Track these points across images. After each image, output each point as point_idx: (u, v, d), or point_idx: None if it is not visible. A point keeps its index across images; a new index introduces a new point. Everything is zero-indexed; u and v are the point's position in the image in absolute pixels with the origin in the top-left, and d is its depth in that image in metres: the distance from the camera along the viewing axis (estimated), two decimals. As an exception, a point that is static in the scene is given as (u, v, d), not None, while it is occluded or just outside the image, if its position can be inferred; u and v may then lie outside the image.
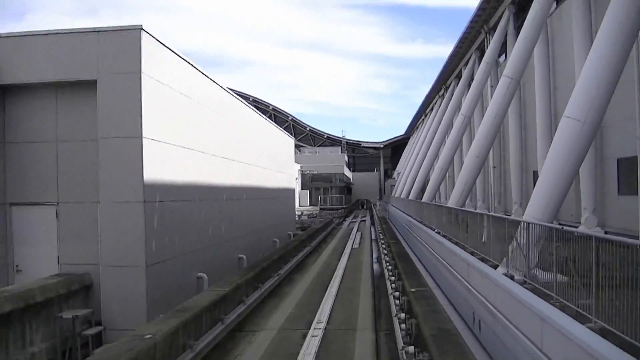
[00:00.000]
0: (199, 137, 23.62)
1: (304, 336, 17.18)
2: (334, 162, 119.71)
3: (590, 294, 9.20)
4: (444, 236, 23.87)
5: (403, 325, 15.48)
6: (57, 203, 18.91)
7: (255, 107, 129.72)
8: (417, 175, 58.63)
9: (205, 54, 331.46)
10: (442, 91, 67.48)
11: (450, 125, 49.58)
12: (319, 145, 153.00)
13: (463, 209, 26.44)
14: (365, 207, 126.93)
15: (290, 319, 20.01)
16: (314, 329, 17.97)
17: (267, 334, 17.94)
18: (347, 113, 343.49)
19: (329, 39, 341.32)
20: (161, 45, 19.47)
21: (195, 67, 23.19)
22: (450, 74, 60.89)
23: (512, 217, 25.56)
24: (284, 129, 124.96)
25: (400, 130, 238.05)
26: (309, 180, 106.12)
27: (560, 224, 14.08)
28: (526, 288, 12.17)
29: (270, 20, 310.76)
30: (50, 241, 18.96)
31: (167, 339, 13.00)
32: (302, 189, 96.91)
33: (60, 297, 17.22)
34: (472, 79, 44.41)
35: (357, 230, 60.64)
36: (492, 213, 26.36)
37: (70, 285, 17.60)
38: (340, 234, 57.74)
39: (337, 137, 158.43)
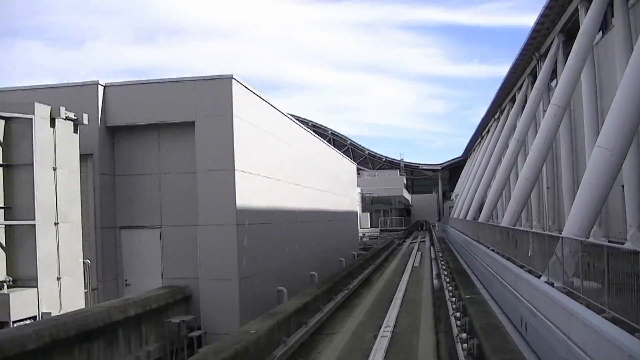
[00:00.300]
0: (277, 167, 26.80)
1: (375, 337, 19.95)
2: (393, 184, 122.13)
3: (604, 292, 11.57)
4: (497, 252, 26.21)
5: (458, 322, 18.15)
6: (161, 226, 22.20)
7: (315, 131, 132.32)
8: (474, 196, 60.31)
9: (264, 77, 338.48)
10: (497, 114, 69.23)
11: (505, 148, 51.33)
12: (378, 168, 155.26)
13: (513, 227, 28.82)
14: (424, 228, 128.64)
15: (361, 324, 22.86)
16: (383, 331, 20.71)
17: (343, 336, 20.80)
18: (404, 134, 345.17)
19: (385, 60, 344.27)
20: (247, 90, 22.72)
21: (273, 106, 26.48)
22: (504, 97, 62.63)
23: (550, 233, 27.67)
24: (343, 152, 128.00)
25: (457, 151, 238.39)
26: (369, 203, 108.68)
27: (610, 241, 16.45)
28: (561, 292, 14.50)
29: (328, 43, 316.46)
30: (154, 258, 22.23)
31: (267, 334, 16.00)
32: (362, 211, 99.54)
33: (168, 306, 20.38)
34: (525, 102, 46.16)
35: (417, 250, 63.01)
36: (536, 230, 28.42)
37: (175, 295, 20.78)
38: (401, 254, 60.24)
39: (396, 160, 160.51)
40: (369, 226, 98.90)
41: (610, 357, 9.83)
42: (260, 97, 24.58)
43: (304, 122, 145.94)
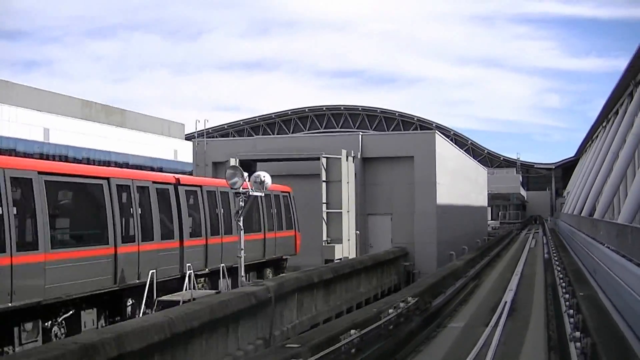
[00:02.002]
0: (451, 178, 44.51)
1: (511, 276, 37.04)
2: (511, 183, 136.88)
3: None
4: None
5: (558, 268, 34.95)
6: (391, 214, 40.27)
7: (438, 132, 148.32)
8: (588, 192, 62.86)
9: (378, 70, 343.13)
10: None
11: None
12: (496, 167, 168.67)
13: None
14: (537, 222, 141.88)
15: (502, 271, 40.25)
16: (515, 274, 37.70)
17: (491, 277, 38.17)
18: (520, 129, 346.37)
19: (501, 54, 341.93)
20: (442, 138, 40.60)
21: (452, 145, 44.23)
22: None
23: None
24: (464, 151, 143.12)
25: (573, 146, 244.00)
26: (490, 199, 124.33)
27: None
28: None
29: (443, 36, 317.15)
30: (387, 231, 40.33)
31: (464, 265, 33.69)
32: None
33: (398, 257, 38.33)
34: None
35: (532, 238, 78.80)
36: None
37: (402, 251, 38.79)
38: (519, 240, 76.46)
39: (512, 159, 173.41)
40: (490, 219, 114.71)
41: None
42: (445, 140, 42.34)
43: (428, 123, 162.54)
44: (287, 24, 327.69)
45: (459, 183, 50.31)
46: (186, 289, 20.45)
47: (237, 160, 35.86)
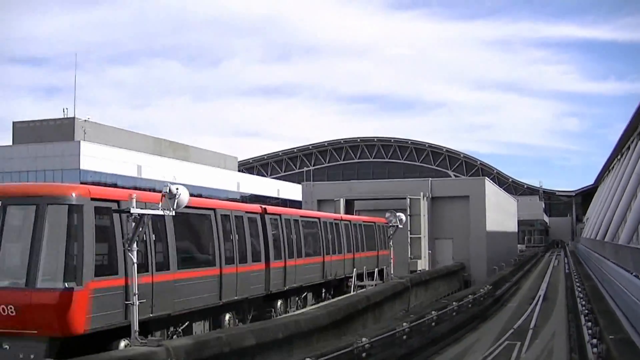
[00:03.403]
0: (494, 210, 59.24)
1: (540, 286, 51.33)
2: (534, 210, 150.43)
3: None
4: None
5: (577, 278, 49.28)
6: (452, 238, 55.04)
7: (465, 162, 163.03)
8: (602, 219, 69.85)
9: (397, 95, 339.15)
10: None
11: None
12: (520, 194, 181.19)
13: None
14: (559, 246, 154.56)
15: (534, 280, 54.77)
16: (544, 282, 52.14)
17: (525, 286, 52.63)
18: (539, 153, 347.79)
19: (520, 78, 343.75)
20: (490, 182, 55.43)
21: (494, 186, 58.98)
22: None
23: None
24: (491, 179, 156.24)
25: (593, 170, 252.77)
26: (517, 224, 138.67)
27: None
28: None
29: (462, 61, 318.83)
30: (449, 251, 55.06)
31: (510, 274, 48.36)
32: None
33: (459, 270, 52.88)
34: None
35: (555, 258, 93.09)
36: None
37: (461, 265, 53.44)
38: (544, 260, 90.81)
39: (535, 186, 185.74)
40: (517, 243, 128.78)
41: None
42: (492, 184, 57.17)
43: (455, 153, 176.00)
44: (306, 49, 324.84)
45: (499, 214, 64.93)
46: (354, 285, 34.73)
47: (344, 199, 51.18)
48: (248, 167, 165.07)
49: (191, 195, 17.30)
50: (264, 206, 27.42)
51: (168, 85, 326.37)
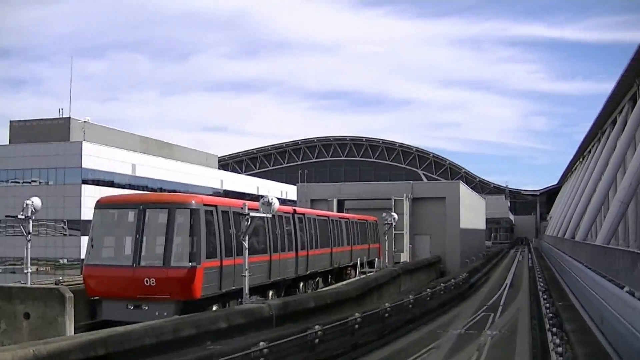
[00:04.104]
0: (466, 210, 66.58)
1: (506, 276, 58.77)
2: (501, 208, 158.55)
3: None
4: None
5: (539, 271, 56.66)
6: (430, 235, 62.25)
7: (435, 161, 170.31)
8: (565, 217, 79.37)
9: (366, 92, 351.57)
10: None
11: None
12: (486, 193, 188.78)
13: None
14: (523, 243, 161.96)
15: (499, 274, 62.18)
16: (509, 277, 59.40)
17: (494, 275, 60.07)
18: (507, 152, 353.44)
19: (488, 77, 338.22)
20: (465, 186, 62.77)
21: (468, 188, 66.31)
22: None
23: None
24: (458, 179, 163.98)
25: (559, 167, 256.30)
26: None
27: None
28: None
29: (431, 58, 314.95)
30: (427, 245, 62.26)
31: (481, 265, 55.69)
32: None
33: (437, 262, 60.04)
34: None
35: (520, 254, 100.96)
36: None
37: (438, 258, 60.62)
38: (509, 256, 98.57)
39: (501, 186, 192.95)
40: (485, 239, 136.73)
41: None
42: (465, 186, 64.49)
43: (425, 153, 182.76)
44: (275, 45, 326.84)
45: (471, 213, 72.24)
46: (358, 272, 41.74)
47: (337, 200, 58.13)
48: (223, 163, 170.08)
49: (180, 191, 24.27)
50: (293, 207, 34.21)
51: (136, 79, 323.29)
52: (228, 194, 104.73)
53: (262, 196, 23.46)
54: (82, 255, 70.95)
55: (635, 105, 43.62)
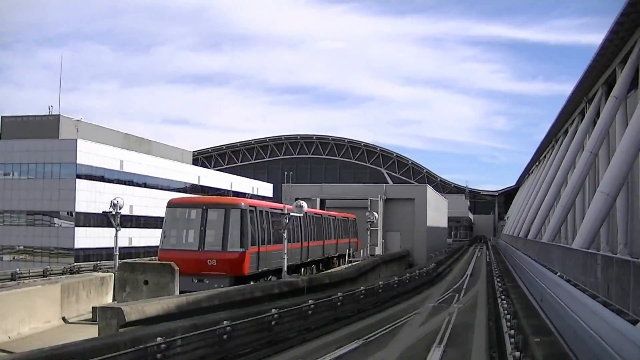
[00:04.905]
0: (432, 210, 74.88)
1: (468, 267, 67.18)
2: (461, 207, 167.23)
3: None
4: (521, 251, 70.87)
5: (495, 266, 65.16)
6: (400, 231, 70.38)
7: (398, 161, 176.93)
8: (520, 217, 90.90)
9: (329, 88, 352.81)
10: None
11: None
12: (447, 192, 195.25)
13: (529, 239, 74.33)
14: (482, 241, 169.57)
15: (461, 267, 70.57)
16: (470, 267, 67.87)
17: (456, 268, 68.41)
18: (468, 150, 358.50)
19: (450, 76, 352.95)
20: (432, 189, 71.11)
21: (434, 191, 74.61)
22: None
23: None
24: (420, 178, 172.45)
25: (519, 167, 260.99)
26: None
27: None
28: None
29: (394, 56, 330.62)
30: (397, 240, 70.42)
31: (443, 260, 63.97)
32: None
33: (406, 255, 68.12)
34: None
35: (478, 251, 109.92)
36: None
37: (407, 252, 68.74)
38: (469, 252, 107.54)
39: (462, 186, 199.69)
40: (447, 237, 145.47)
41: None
42: (431, 189, 72.78)
43: (389, 152, 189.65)
44: (238, 39, 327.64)
45: (436, 213, 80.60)
46: (347, 260, 49.59)
47: (320, 199, 65.96)
48: (193, 159, 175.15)
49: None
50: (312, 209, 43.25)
51: (98, 70, 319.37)
52: (204, 189, 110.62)
53: (240, 192, 31.48)
54: (76, 245, 78.56)
55: (583, 119, 49.80)
